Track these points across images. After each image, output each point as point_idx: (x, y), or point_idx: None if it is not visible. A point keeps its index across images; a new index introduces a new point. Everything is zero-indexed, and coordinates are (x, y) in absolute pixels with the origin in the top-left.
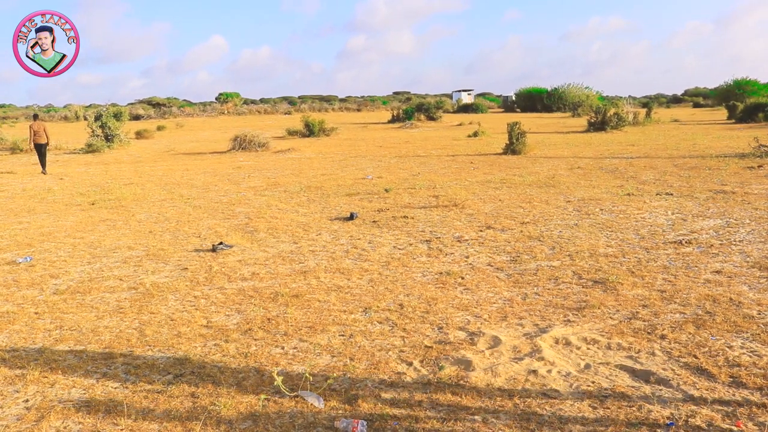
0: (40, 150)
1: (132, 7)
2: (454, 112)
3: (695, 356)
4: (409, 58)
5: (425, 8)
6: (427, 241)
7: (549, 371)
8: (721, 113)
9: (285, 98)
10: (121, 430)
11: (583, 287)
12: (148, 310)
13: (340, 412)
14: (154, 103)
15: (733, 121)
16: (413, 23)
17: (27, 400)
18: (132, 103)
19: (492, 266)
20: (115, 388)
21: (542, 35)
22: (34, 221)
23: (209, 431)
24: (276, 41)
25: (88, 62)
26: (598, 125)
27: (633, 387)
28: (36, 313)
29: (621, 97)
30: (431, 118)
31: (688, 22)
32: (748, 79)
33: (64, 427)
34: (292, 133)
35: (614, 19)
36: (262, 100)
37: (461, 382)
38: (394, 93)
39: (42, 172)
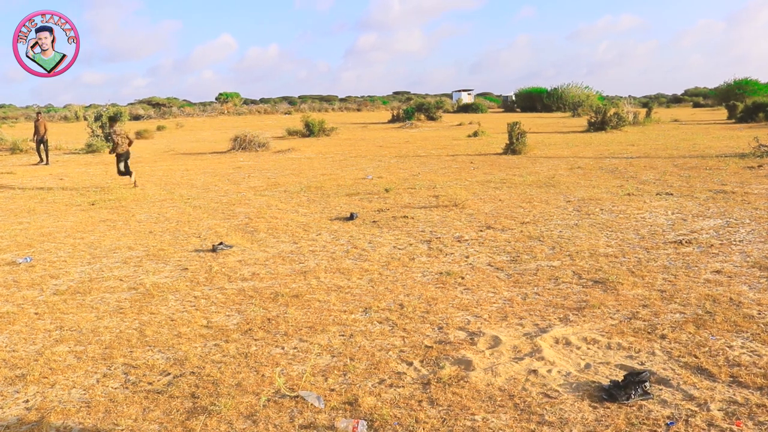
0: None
1: (143, 4)
2: (454, 112)
3: (695, 356)
4: (416, 57)
5: (439, 6)
6: (427, 241)
7: (549, 371)
8: (721, 113)
9: (285, 98)
10: (121, 430)
11: (583, 287)
12: (148, 310)
13: (340, 412)
14: (154, 103)
15: (733, 121)
16: (425, 21)
17: (27, 401)
18: (132, 103)
19: (492, 266)
20: (115, 388)
21: (551, 34)
22: (34, 221)
23: (209, 431)
24: (286, 39)
25: (94, 61)
26: (598, 125)
27: None
28: (36, 314)
29: (621, 97)
30: (431, 118)
31: (700, 19)
32: (748, 79)
33: (64, 427)
34: (292, 133)
35: (625, 17)
36: (262, 100)
37: (461, 382)
38: (394, 93)
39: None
